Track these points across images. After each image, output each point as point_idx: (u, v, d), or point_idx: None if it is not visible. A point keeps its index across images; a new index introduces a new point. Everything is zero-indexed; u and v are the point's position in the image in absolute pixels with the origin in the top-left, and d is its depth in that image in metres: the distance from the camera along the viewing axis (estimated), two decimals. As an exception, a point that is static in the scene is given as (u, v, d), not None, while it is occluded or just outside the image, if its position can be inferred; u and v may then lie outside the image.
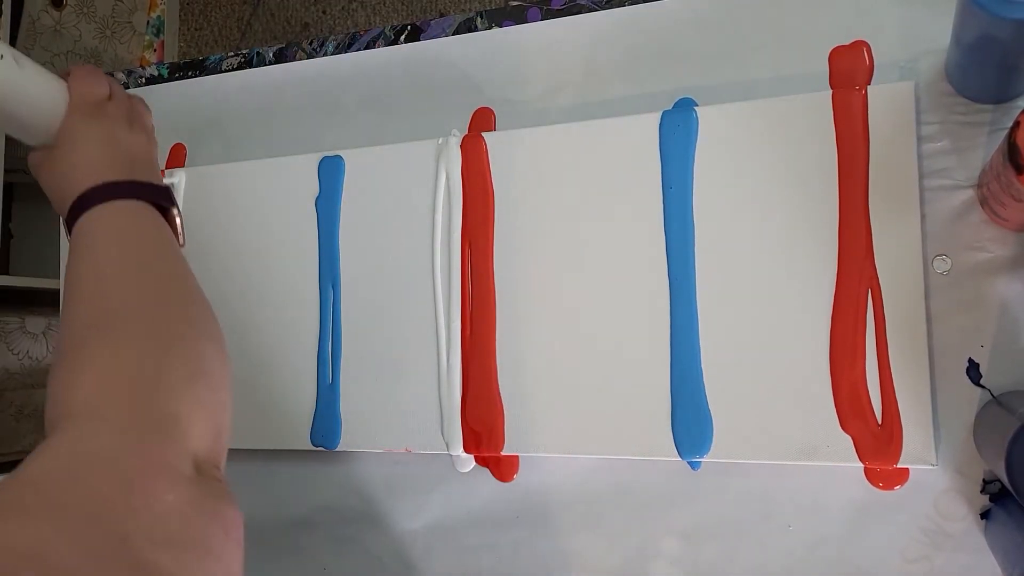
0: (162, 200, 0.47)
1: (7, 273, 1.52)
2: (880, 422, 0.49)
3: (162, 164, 0.74)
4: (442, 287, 0.61)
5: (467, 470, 0.61)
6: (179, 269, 0.44)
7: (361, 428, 0.62)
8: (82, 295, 0.41)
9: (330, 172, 0.65)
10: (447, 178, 0.62)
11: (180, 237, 0.48)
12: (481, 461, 0.61)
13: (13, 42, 1.45)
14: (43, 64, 0.48)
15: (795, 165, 0.53)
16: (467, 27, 0.65)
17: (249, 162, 0.69)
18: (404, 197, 0.63)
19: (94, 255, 0.43)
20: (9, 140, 1.37)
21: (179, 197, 0.70)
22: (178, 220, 0.49)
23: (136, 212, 0.45)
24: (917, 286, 0.49)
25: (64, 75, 0.49)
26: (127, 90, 0.77)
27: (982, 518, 0.49)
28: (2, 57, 0.45)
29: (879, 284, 0.50)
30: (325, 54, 0.70)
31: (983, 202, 0.49)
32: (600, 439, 0.55)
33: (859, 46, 0.54)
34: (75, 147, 0.47)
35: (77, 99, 0.48)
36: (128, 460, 0.32)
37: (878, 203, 0.51)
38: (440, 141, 0.62)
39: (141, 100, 0.53)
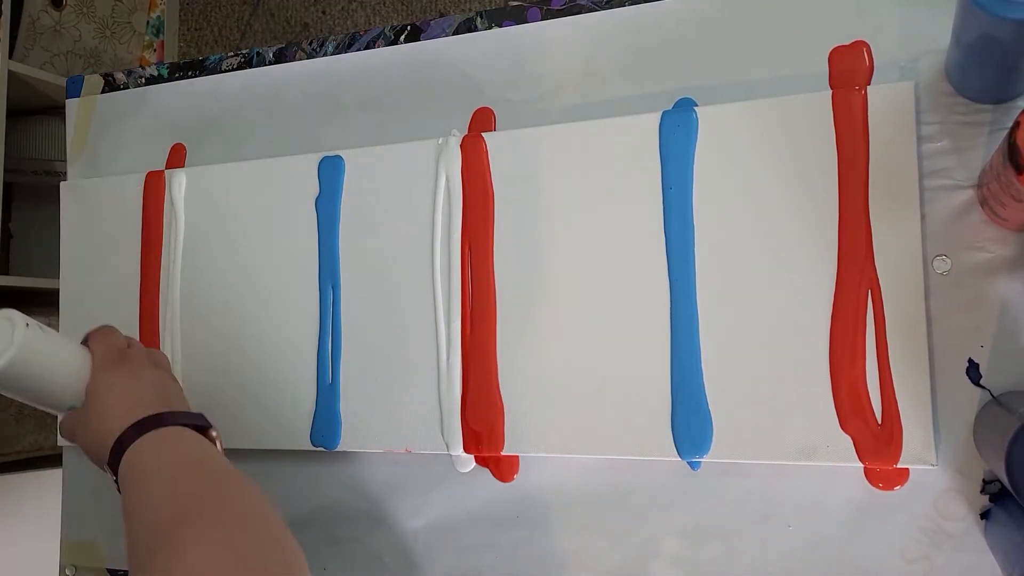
0: (199, 423, 0.50)
1: (7, 273, 1.52)
2: (880, 422, 0.49)
3: (162, 165, 0.74)
4: (442, 287, 0.61)
5: (467, 470, 0.61)
6: (239, 478, 0.45)
7: (361, 428, 0.62)
8: (142, 521, 0.42)
9: (330, 172, 0.65)
10: (447, 178, 0.62)
11: (220, 450, 0.50)
12: (481, 461, 0.61)
13: (13, 42, 1.45)
14: (42, 64, 0.48)
15: (795, 165, 0.53)
16: (467, 27, 0.65)
17: (249, 162, 0.69)
18: (404, 197, 0.63)
19: (149, 477, 0.44)
20: (9, 140, 1.37)
21: (180, 198, 0.70)
22: (218, 443, 0.51)
23: (180, 435, 0.48)
24: (917, 286, 0.49)
25: (84, 340, 0.54)
26: (128, 90, 0.77)
27: (982, 518, 0.49)
28: (27, 326, 0.49)
29: (879, 284, 0.50)
30: (325, 54, 0.70)
31: (983, 202, 0.49)
32: (600, 439, 0.55)
33: (859, 46, 0.54)
34: (108, 394, 0.50)
35: (100, 354, 0.52)
36: None
37: (878, 203, 0.51)
38: (440, 141, 0.62)
39: (157, 350, 0.58)
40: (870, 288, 0.50)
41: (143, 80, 0.77)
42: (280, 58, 0.72)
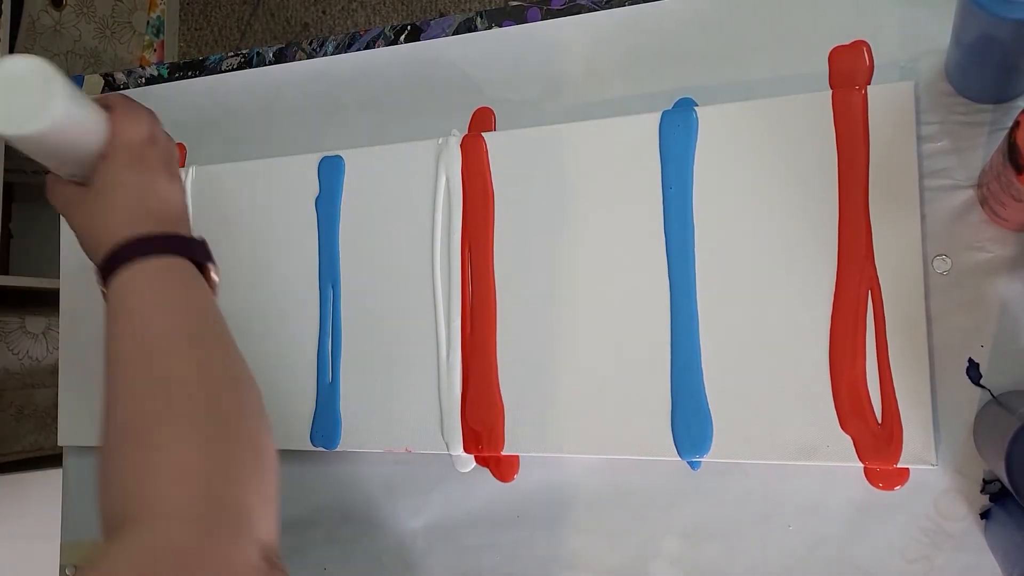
0: (199, 256, 0.46)
1: (7, 273, 1.52)
2: (880, 422, 0.49)
3: (162, 164, 0.74)
4: (442, 287, 0.61)
5: (467, 470, 0.61)
6: (225, 338, 0.43)
7: (361, 428, 0.62)
8: (131, 368, 0.40)
9: (330, 172, 0.65)
10: (447, 178, 0.62)
11: (215, 291, 0.48)
12: (481, 461, 0.61)
13: (12, 42, 1.45)
14: None
15: (795, 165, 0.53)
16: (467, 27, 0.65)
17: (249, 162, 0.69)
18: (404, 197, 0.63)
19: (140, 321, 0.42)
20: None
21: (187, 196, 0.70)
22: (215, 276, 0.47)
23: (177, 271, 0.44)
24: (917, 286, 0.49)
25: (103, 103, 0.47)
26: (128, 90, 0.77)
27: (982, 518, 0.49)
28: (64, 95, 0.42)
29: (879, 284, 0.50)
30: (325, 54, 0.70)
31: (983, 202, 0.49)
32: (600, 439, 0.55)
33: (859, 46, 0.54)
34: (114, 192, 0.45)
35: (119, 140, 0.46)
36: (204, 558, 0.33)
37: (878, 203, 0.51)
38: (440, 141, 0.62)
39: (175, 144, 0.52)
40: (870, 288, 0.50)
41: (143, 80, 0.77)
42: (280, 58, 0.72)
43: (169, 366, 0.40)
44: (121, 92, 0.50)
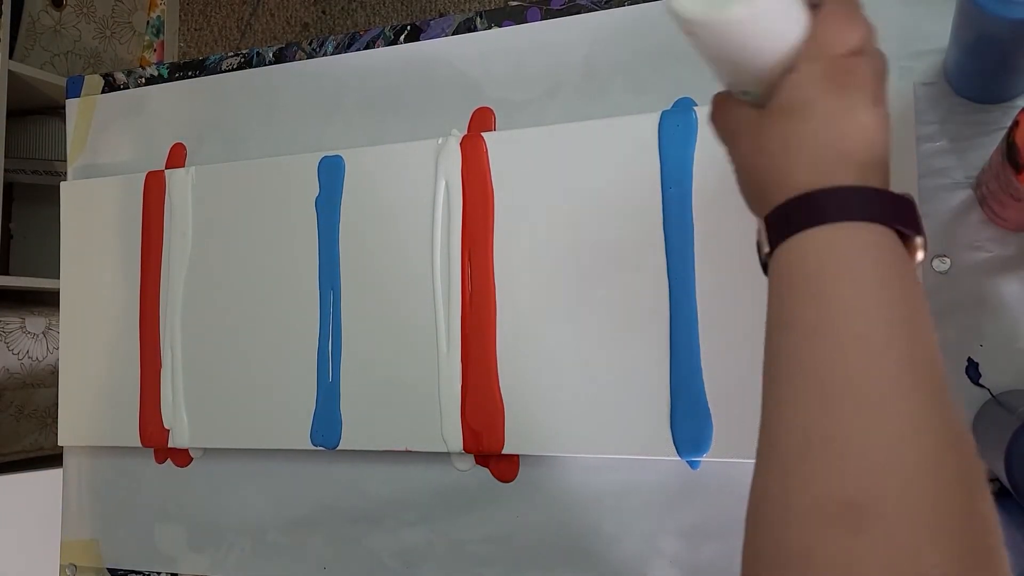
0: (908, 225, 0.32)
1: (7, 273, 1.52)
2: (880, 422, 0.49)
3: (162, 165, 0.74)
4: (442, 287, 0.61)
5: (467, 470, 0.61)
6: (945, 378, 0.30)
7: (361, 428, 0.62)
8: (836, 383, 0.29)
9: (330, 172, 0.65)
10: (447, 178, 0.62)
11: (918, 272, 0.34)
12: (481, 461, 0.61)
13: (13, 42, 1.45)
14: (42, 64, 0.45)
15: (795, 165, 0.53)
16: (467, 27, 0.65)
17: (249, 162, 0.69)
18: (404, 197, 0.63)
19: (848, 319, 0.30)
20: (9, 140, 1.37)
21: (188, 196, 0.70)
22: (920, 255, 0.33)
23: (888, 250, 0.31)
24: (917, 286, 0.49)
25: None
26: (128, 90, 0.77)
27: (982, 518, 0.49)
28: None
29: (879, 284, 0.50)
30: (325, 54, 0.70)
31: (982, 202, 0.49)
32: (600, 439, 0.55)
33: (859, 46, 0.54)
34: (803, 118, 0.33)
35: (822, 46, 0.33)
36: None
37: (878, 203, 0.51)
38: (440, 141, 0.62)
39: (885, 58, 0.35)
40: (870, 288, 0.50)
41: (143, 80, 0.77)
42: (280, 58, 0.72)
43: (890, 392, 0.28)
44: None
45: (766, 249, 0.34)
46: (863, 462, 0.27)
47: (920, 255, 0.33)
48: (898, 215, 0.32)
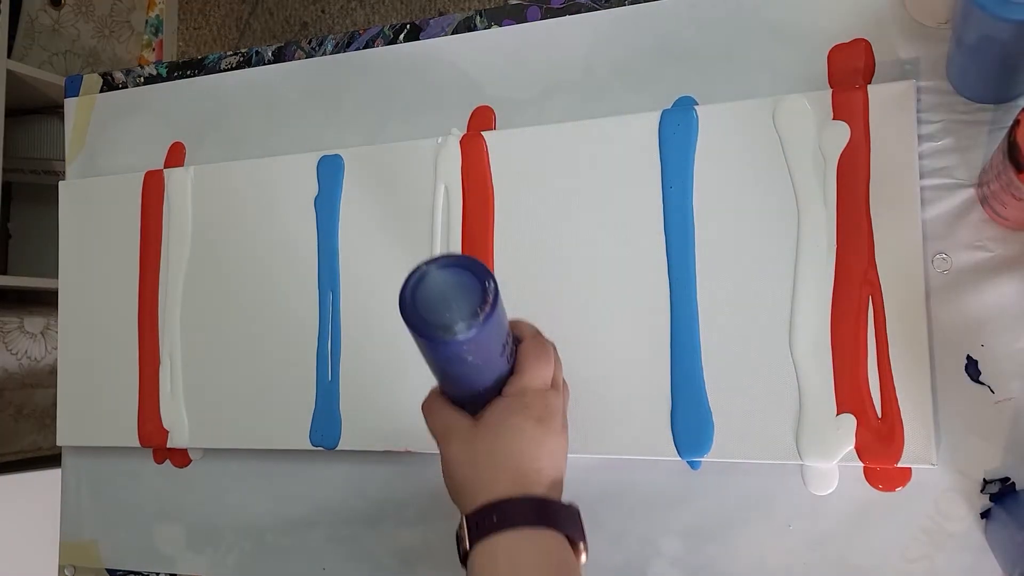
0: (575, 534, 0.40)
1: (5, 273, 1.52)
2: (881, 422, 0.49)
3: (161, 164, 0.74)
4: (442, 287, 0.61)
5: (467, 470, 0.61)
6: None
7: (361, 428, 0.62)
8: None
9: (329, 171, 0.65)
10: (447, 178, 0.61)
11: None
12: (481, 461, 0.61)
13: (11, 41, 1.45)
14: (41, 63, 0.45)
15: (795, 164, 0.53)
16: (467, 26, 0.65)
17: (248, 161, 0.69)
18: (404, 196, 0.63)
19: None
20: (7, 140, 1.37)
21: (187, 196, 0.70)
22: (583, 556, 0.41)
23: (559, 554, 0.38)
24: (917, 285, 0.49)
25: (514, 334, 0.43)
26: (126, 89, 0.77)
27: (982, 518, 0.49)
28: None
29: (880, 283, 0.50)
30: (324, 53, 0.70)
31: (983, 201, 0.49)
32: (600, 439, 0.55)
33: (859, 44, 0.53)
34: (508, 438, 0.40)
35: (525, 381, 0.42)
36: None
37: (879, 202, 0.51)
38: (439, 140, 0.62)
39: (568, 389, 0.47)
40: (871, 287, 0.50)
41: (142, 79, 0.77)
42: (279, 57, 0.71)
43: None
44: (526, 322, 0.46)
45: (466, 546, 0.39)
46: None
47: (584, 556, 0.40)
48: (570, 524, 0.40)
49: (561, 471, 0.43)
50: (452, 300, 0.36)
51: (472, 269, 0.38)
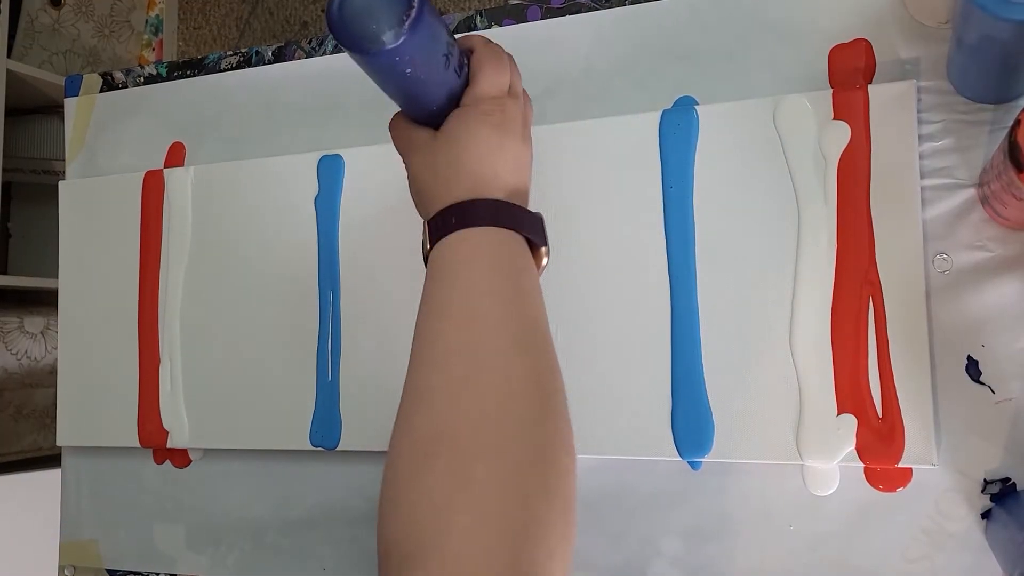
0: (535, 236, 0.41)
1: (5, 273, 1.52)
2: (881, 422, 0.49)
3: (161, 164, 0.74)
4: (442, 287, 0.61)
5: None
6: (549, 338, 0.38)
7: (361, 428, 0.62)
8: (449, 347, 0.36)
9: (329, 171, 0.65)
10: (447, 177, 0.61)
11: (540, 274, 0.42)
12: (481, 461, 0.61)
13: (11, 41, 1.45)
14: (41, 63, 0.46)
15: (795, 164, 0.53)
16: (467, 26, 0.65)
17: (248, 161, 0.69)
18: (404, 196, 0.63)
19: (469, 296, 0.37)
20: (7, 140, 1.37)
21: (187, 196, 0.70)
22: (545, 260, 0.42)
23: (514, 249, 0.39)
24: (918, 285, 0.49)
25: (465, 45, 0.43)
26: (126, 89, 0.77)
27: (983, 518, 0.49)
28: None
29: (880, 283, 0.50)
30: (324, 53, 0.70)
31: (984, 201, 0.49)
32: (600, 439, 0.55)
33: (860, 44, 0.53)
34: (466, 145, 0.40)
35: (480, 88, 0.41)
36: None
37: (879, 202, 0.51)
38: (440, 140, 0.62)
39: (529, 99, 0.46)
40: (871, 287, 0.50)
41: (142, 79, 0.77)
42: (279, 57, 0.71)
43: (491, 369, 0.35)
44: (478, 34, 0.46)
45: (428, 248, 0.41)
46: (453, 407, 0.34)
47: (545, 260, 0.42)
48: (529, 226, 0.40)
49: (524, 181, 0.43)
50: (376, 10, 0.36)
51: None
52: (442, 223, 0.39)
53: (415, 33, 0.36)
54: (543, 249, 0.41)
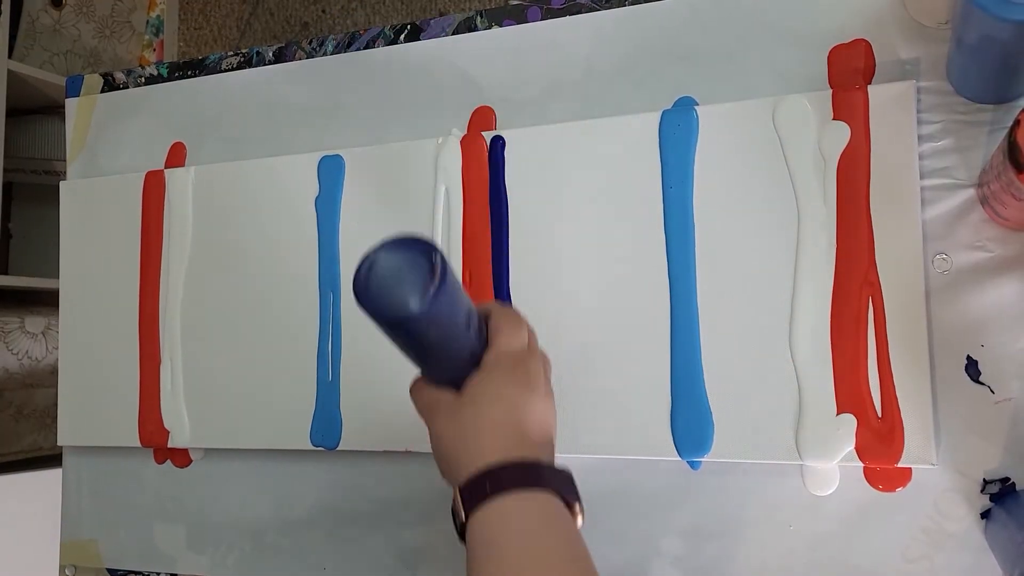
0: (568, 494, 0.40)
1: (6, 273, 1.52)
2: (881, 422, 0.49)
3: (162, 164, 0.74)
4: (442, 287, 0.61)
5: (467, 470, 0.61)
6: None
7: (361, 428, 0.62)
8: None
9: (330, 171, 0.65)
10: (447, 177, 0.61)
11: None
12: (481, 461, 0.61)
13: (12, 41, 1.45)
14: (42, 63, 0.46)
15: (795, 164, 0.53)
16: (467, 26, 0.65)
17: (249, 161, 0.69)
18: (404, 196, 0.63)
19: (517, 564, 0.37)
20: (8, 140, 1.37)
21: (188, 196, 0.70)
22: (580, 519, 0.41)
23: (556, 513, 0.39)
24: (917, 285, 0.49)
25: (481, 311, 0.43)
26: (127, 90, 0.77)
27: (982, 518, 0.49)
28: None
29: (879, 284, 0.50)
30: (325, 53, 0.70)
31: (984, 201, 0.49)
32: (600, 439, 0.55)
33: (859, 45, 0.53)
34: (490, 406, 0.41)
35: (502, 348, 0.42)
36: None
37: (879, 202, 0.51)
38: (439, 140, 0.62)
39: (547, 358, 0.47)
40: (871, 287, 0.50)
41: (142, 79, 0.77)
42: (280, 57, 0.71)
43: None
44: (492, 301, 0.48)
45: (462, 518, 0.39)
46: None
47: (580, 519, 0.41)
48: (563, 485, 0.40)
49: (550, 433, 0.43)
50: (403, 279, 0.37)
51: (416, 247, 0.39)
52: (475, 490, 0.39)
53: (439, 297, 0.37)
54: (577, 506, 0.41)
